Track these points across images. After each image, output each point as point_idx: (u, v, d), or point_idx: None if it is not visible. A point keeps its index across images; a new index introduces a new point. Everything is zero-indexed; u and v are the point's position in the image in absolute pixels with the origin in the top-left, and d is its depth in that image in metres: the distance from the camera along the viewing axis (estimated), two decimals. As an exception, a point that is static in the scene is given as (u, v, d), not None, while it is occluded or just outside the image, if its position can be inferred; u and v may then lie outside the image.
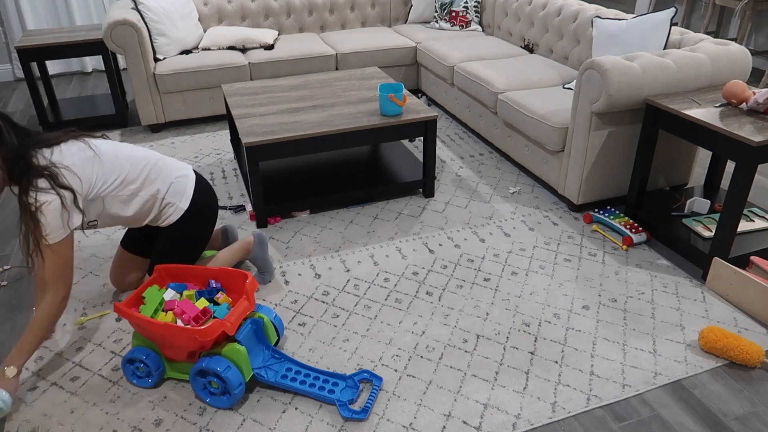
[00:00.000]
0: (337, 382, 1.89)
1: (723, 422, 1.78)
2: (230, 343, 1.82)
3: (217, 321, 1.77)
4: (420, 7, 4.58)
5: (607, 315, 2.22)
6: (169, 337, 1.81)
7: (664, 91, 2.56)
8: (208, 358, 1.80)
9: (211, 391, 1.85)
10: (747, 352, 1.95)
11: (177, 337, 1.79)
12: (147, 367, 1.89)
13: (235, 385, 1.78)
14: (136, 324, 1.84)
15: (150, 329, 1.81)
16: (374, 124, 2.76)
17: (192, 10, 4.04)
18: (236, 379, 1.79)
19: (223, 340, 1.85)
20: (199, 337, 1.73)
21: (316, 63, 4.02)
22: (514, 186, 3.15)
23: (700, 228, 2.54)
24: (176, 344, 1.83)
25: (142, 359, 1.87)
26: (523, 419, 1.79)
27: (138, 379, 1.93)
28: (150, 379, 1.91)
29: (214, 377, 1.80)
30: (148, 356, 1.87)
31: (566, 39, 3.58)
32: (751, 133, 2.14)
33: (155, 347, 1.91)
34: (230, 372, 1.78)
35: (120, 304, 1.84)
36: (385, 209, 2.96)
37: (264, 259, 2.39)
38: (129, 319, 1.82)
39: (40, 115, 3.75)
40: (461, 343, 2.09)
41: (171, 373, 1.94)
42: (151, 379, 1.91)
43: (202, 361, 1.80)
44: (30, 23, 4.88)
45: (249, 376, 1.85)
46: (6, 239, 2.78)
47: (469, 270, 2.48)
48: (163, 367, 1.92)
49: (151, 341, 1.90)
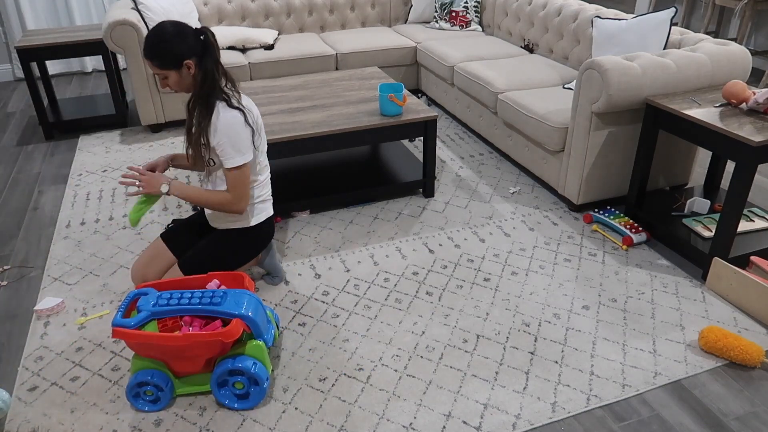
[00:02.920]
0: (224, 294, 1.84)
1: (723, 422, 1.78)
2: (250, 341, 1.82)
3: (237, 320, 1.75)
4: (420, 7, 4.58)
5: (607, 315, 2.22)
6: (189, 349, 1.75)
7: (664, 91, 2.56)
8: (232, 359, 1.79)
9: (237, 394, 1.83)
10: (747, 352, 1.95)
11: (199, 346, 1.75)
12: (156, 389, 1.81)
13: (264, 379, 1.80)
14: (143, 344, 1.75)
15: (165, 345, 1.74)
16: (374, 124, 2.76)
17: (192, 10, 4.04)
18: (264, 374, 1.81)
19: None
20: (225, 339, 1.72)
21: (316, 63, 4.02)
22: (514, 186, 3.15)
23: (700, 228, 2.54)
24: (197, 354, 1.78)
25: (148, 381, 1.78)
26: (523, 419, 1.79)
27: (150, 405, 1.83)
28: (162, 401, 1.83)
29: (240, 377, 1.80)
30: (153, 376, 1.79)
31: (566, 39, 3.58)
32: (751, 133, 2.14)
33: (159, 365, 1.82)
34: (258, 368, 1.79)
35: (121, 329, 1.72)
36: (385, 209, 2.96)
37: (273, 264, 2.39)
38: (135, 340, 1.72)
39: (40, 115, 3.74)
40: (461, 343, 2.09)
41: (183, 389, 1.86)
42: (163, 399, 1.83)
43: (226, 363, 1.78)
44: (30, 23, 4.88)
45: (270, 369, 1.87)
46: (6, 239, 2.78)
47: (469, 270, 2.48)
48: (172, 383, 1.84)
49: (155, 360, 1.81)
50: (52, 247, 2.68)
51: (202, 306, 1.77)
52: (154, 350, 1.78)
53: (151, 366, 1.81)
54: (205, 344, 1.75)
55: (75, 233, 2.78)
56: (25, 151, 3.70)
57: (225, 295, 1.82)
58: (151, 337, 1.73)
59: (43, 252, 2.67)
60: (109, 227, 2.82)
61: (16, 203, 3.10)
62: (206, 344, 1.75)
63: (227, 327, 1.73)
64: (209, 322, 1.84)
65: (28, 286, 2.45)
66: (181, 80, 2.00)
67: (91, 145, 3.72)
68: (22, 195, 3.17)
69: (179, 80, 1.99)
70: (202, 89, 1.99)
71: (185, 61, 1.96)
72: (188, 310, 1.78)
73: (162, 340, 1.73)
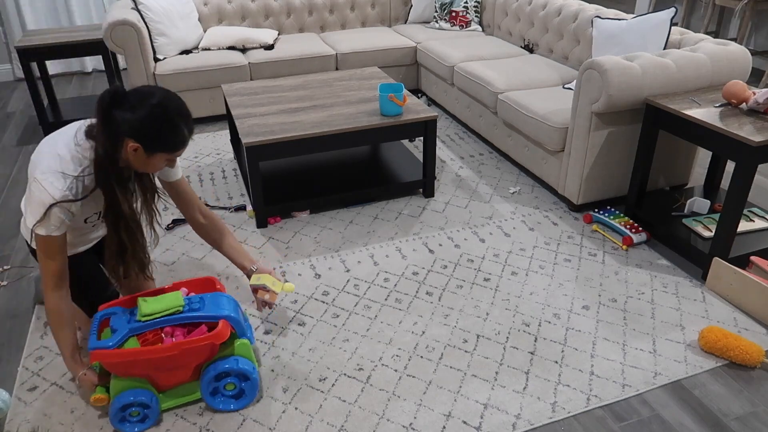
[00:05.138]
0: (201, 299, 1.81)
1: (723, 422, 1.78)
2: (236, 341, 1.81)
3: (223, 321, 1.75)
4: (420, 7, 4.58)
5: (607, 315, 2.22)
6: (180, 358, 1.71)
7: (664, 91, 2.56)
8: (222, 361, 1.77)
9: (229, 395, 1.82)
10: (747, 352, 1.95)
11: (190, 354, 1.72)
12: (141, 407, 1.74)
13: (252, 370, 1.80)
14: (127, 362, 1.68)
15: (154, 358, 1.68)
16: (374, 124, 2.76)
17: (192, 10, 4.04)
18: (250, 365, 1.81)
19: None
20: (217, 341, 1.72)
21: (316, 63, 4.02)
22: (514, 186, 3.15)
23: (700, 228, 2.54)
24: (187, 362, 1.74)
25: (132, 402, 1.71)
26: (523, 419, 1.79)
27: (139, 425, 1.76)
28: (150, 418, 1.76)
29: (229, 379, 1.79)
30: (137, 395, 1.71)
31: (566, 39, 3.58)
32: (751, 133, 2.14)
33: (141, 382, 1.75)
34: (241, 362, 1.79)
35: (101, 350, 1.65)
36: (385, 209, 2.96)
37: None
38: (119, 359, 1.66)
39: (40, 115, 3.75)
40: (461, 343, 2.09)
41: (168, 403, 1.81)
42: (151, 416, 1.76)
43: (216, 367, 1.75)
44: (30, 23, 4.88)
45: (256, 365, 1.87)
46: (6, 239, 2.78)
47: (469, 270, 2.48)
48: (157, 398, 1.77)
49: (135, 378, 1.74)
50: (52, 247, 2.68)
51: (184, 314, 1.74)
52: (139, 367, 1.71)
53: (132, 385, 1.73)
54: (196, 351, 1.72)
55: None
56: (25, 151, 3.70)
57: (202, 300, 1.81)
58: (137, 353, 1.66)
59: (43, 252, 2.66)
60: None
61: (16, 203, 3.10)
62: (197, 351, 1.72)
63: (217, 329, 1.72)
64: (192, 329, 1.80)
65: (28, 286, 2.45)
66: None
67: (91, 145, 3.71)
68: (22, 195, 3.17)
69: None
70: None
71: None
72: (171, 320, 1.73)
73: (150, 354, 1.67)
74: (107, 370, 1.73)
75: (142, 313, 1.72)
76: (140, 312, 1.73)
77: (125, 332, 1.70)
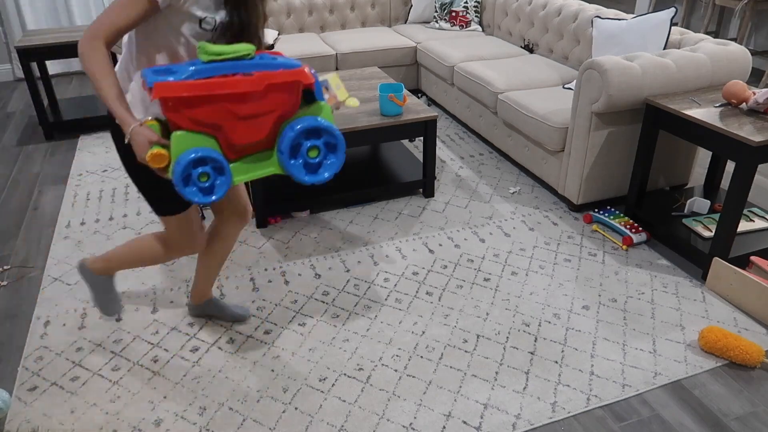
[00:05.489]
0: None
1: (723, 422, 1.78)
2: (315, 102, 1.56)
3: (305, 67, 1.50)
4: (420, 7, 4.58)
5: (607, 315, 2.22)
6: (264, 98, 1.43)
7: (664, 91, 2.56)
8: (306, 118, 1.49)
9: (309, 163, 1.53)
10: (747, 352, 1.95)
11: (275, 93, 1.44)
12: (215, 172, 1.44)
13: (343, 145, 1.55)
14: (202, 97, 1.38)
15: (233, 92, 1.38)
16: (374, 124, 2.76)
17: (192, 10, 4.04)
18: (342, 139, 1.56)
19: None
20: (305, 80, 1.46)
21: (316, 63, 4.02)
22: (514, 186, 3.15)
23: (700, 228, 2.54)
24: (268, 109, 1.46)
25: (211, 157, 1.41)
26: (523, 419, 1.79)
27: (202, 195, 1.45)
28: (217, 191, 1.46)
29: (316, 141, 1.52)
30: (206, 152, 1.41)
31: (566, 39, 3.58)
32: (751, 133, 2.14)
33: (211, 143, 1.45)
34: (339, 133, 1.55)
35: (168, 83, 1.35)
36: (385, 209, 2.96)
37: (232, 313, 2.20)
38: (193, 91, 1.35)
39: (40, 115, 3.74)
40: (461, 343, 2.09)
41: (241, 176, 1.51)
42: (218, 189, 1.46)
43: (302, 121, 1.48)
44: (30, 23, 4.88)
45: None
46: (6, 239, 2.78)
47: (469, 270, 2.48)
48: (229, 168, 1.48)
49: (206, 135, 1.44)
50: (52, 247, 2.68)
51: (257, 60, 1.44)
52: (213, 112, 1.41)
53: (200, 141, 1.43)
54: (282, 89, 1.44)
55: (75, 233, 2.78)
56: (25, 151, 3.70)
57: (275, 57, 1.52)
58: (214, 85, 1.36)
59: (43, 252, 2.67)
60: (109, 227, 2.82)
61: (16, 203, 3.10)
62: (284, 89, 1.45)
63: (301, 67, 1.46)
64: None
65: (28, 286, 2.45)
66: None
67: (91, 145, 3.72)
68: (22, 195, 3.17)
69: None
70: None
71: None
72: (242, 65, 1.42)
73: (229, 87, 1.37)
74: (168, 124, 1.46)
75: (209, 52, 1.41)
76: (206, 51, 1.41)
77: (191, 72, 1.39)
